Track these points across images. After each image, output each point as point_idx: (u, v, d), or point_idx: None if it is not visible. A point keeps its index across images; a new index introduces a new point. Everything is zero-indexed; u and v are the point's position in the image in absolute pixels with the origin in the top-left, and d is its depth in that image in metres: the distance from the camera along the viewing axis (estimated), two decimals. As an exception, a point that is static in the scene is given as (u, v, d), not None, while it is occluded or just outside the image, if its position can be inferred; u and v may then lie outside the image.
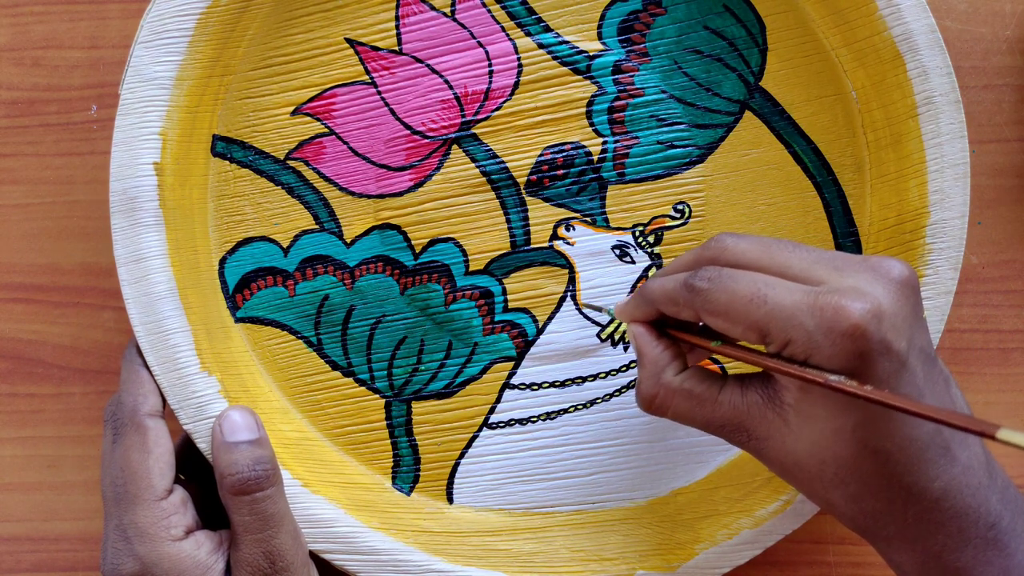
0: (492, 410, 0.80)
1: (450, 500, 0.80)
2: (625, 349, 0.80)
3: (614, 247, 0.79)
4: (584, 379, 0.80)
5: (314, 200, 0.78)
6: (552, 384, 0.80)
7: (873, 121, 0.78)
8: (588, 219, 0.79)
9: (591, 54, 0.78)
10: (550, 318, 0.79)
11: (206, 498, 0.75)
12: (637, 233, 0.79)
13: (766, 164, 0.79)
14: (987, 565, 0.66)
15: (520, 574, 0.79)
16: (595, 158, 0.78)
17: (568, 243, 0.79)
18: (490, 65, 0.78)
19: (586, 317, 0.79)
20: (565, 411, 0.80)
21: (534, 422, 0.80)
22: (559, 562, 0.79)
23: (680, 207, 0.79)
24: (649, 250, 0.79)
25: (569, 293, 0.79)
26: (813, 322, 0.62)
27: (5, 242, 0.84)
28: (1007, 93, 0.84)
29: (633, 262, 0.79)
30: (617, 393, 0.80)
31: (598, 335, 0.80)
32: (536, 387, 0.80)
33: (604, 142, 0.78)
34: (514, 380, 0.80)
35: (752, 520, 0.78)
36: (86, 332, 0.85)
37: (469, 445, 0.80)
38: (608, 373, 0.80)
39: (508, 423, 0.80)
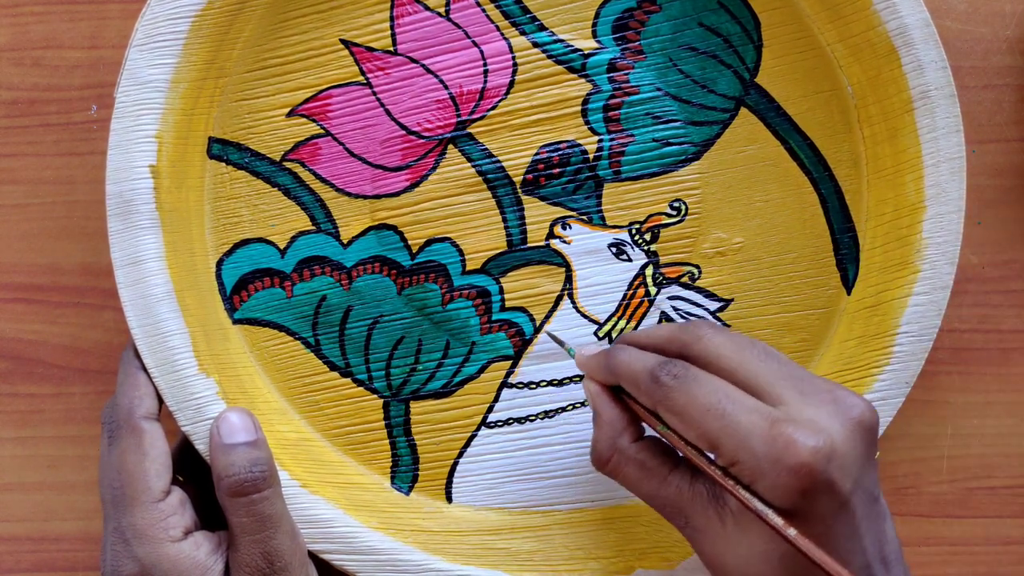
0: (490, 409, 0.80)
1: (449, 499, 0.80)
2: (622, 347, 0.80)
3: (611, 245, 0.79)
4: (582, 377, 0.79)
5: (310, 201, 0.78)
6: (550, 383, 0.80)
7: (869, 116, 0.78)
8: (584, 217, 0.79)
9: (586, 52, 0.78)
10: (547, 317, 0.79)
11: (205, 499, 0.75)
12: (634, 231, 0.79)
13: (762, 160, 0.79)
14: None
15: (519, 573, 0.79)
16: (591, 156, 0.78)
17: (565, 242, 0.79)
18: (485, 64, 0.78)
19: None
20: (563, 409, 0.80)
21: (532, 420, 0.80)
22: (558, 560, 0.79)
23: (676, 204, 0.79)
24: (646, 248, 0.79)
25: (566, 292, 0.79)
26: (763, 450, 0.63)
27: (5, 242, 0.85)
28: (1007, 93, 0.84)
29: (630, 260, 0.79)
30: (615, 391, 0.80)
31: (595, 333, 0.80)
32: (534, 386, 0.80)
33: (600, 140, 0.78)
34: (512, 379, 0.80)
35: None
36: (86, 332, 0.85)
37: (468, 444, 0.80)
38: (605, 371, 0.80)
39: (506, 422, 0.80)
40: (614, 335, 0.80)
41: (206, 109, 0.77)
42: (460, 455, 0.80)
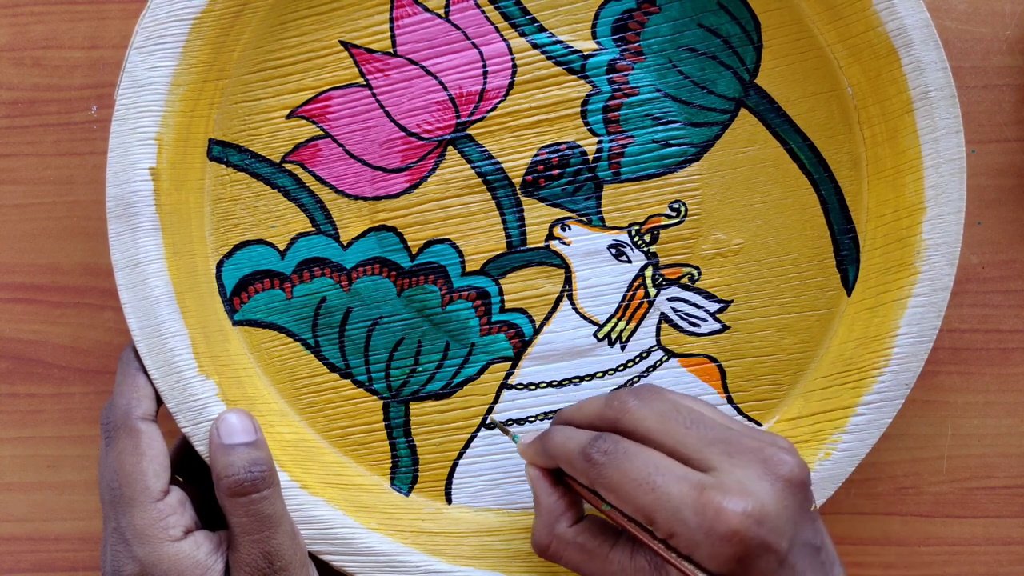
0: (490, 410, 0.80)
1: (448, 500, 0.80)
2: (622, 349, 0.80)
3: (610, 246, 0.79)
4: (581, 379, 0.80)
5: (310, 203, 0.78)
6: (550, 384, 0.80)
7: (869, 117, 0.78)
8: (584, 219, 0.79)
9: (585, 53, 0.78)
10: (547, 318, 0.79)
11: (205, 500, 0.75)
12: (633, 232, 0.79)
13: (762, 162, 0.79)
14: None
15: (518, 574, 0.79)
16: (590, 157, 0.78)
17: (564, 243, 0.79)
18: (484, 66, 0.78)
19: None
20: (563, 410, 0.80)
21: (532, 422, 0.80)
22: (557, 561, 0.79)
23: (676, 206, 0.79)
24: (645, 249, 0.79)
25: (566, 293, 0.79)
26: (695, 520, 0.64)
27: (5, 242, 0.85)
28: (1007, 93, 0.84)
29: (629, 261, 0.79)
30: (615, 392, 0.80)
31: (595, 335, 0.80)
32: (534, 387, 0.80)
33: (599, 141, 0.78)
34: (512, 380, 0.80)
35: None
36: (86, 332, 0.85)
37: (467, 445, 0.80)
38: (605, 373, 0.80)
39: (506, 423, 0.80)
40: (613, 336, 0.80)
41: (206, 111, 0.77)
42: (460, 456, 0.80)
